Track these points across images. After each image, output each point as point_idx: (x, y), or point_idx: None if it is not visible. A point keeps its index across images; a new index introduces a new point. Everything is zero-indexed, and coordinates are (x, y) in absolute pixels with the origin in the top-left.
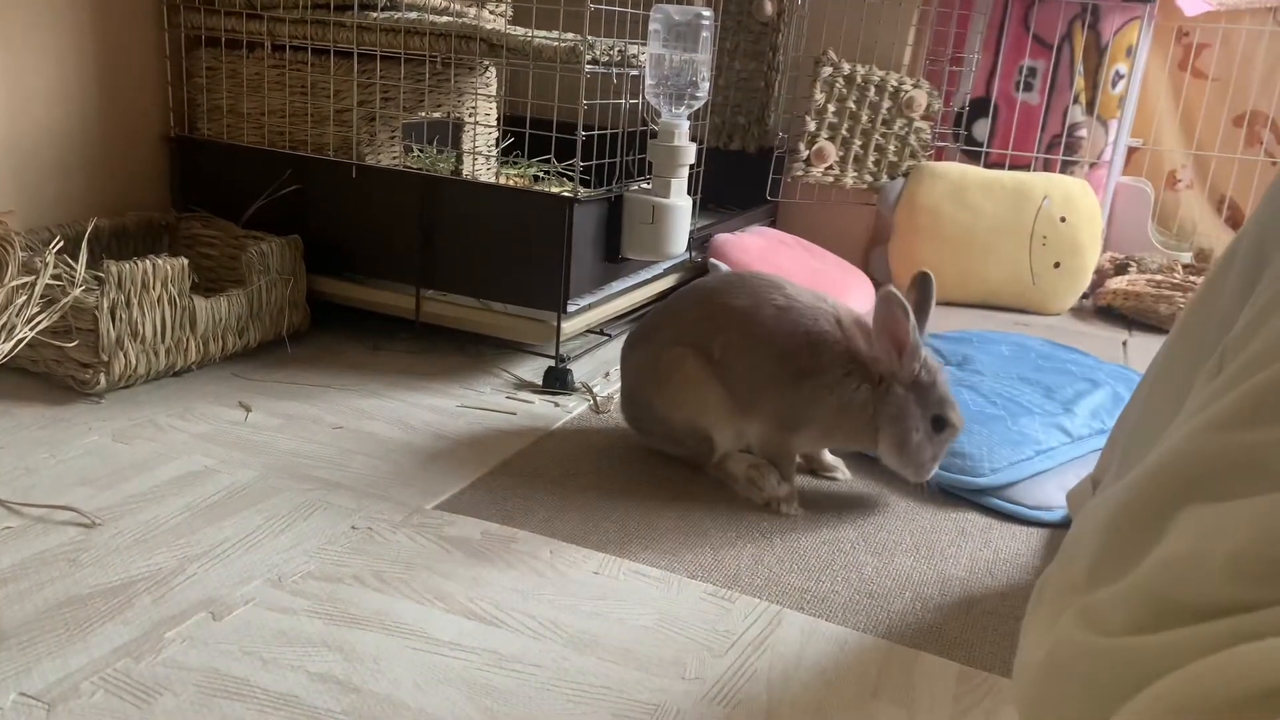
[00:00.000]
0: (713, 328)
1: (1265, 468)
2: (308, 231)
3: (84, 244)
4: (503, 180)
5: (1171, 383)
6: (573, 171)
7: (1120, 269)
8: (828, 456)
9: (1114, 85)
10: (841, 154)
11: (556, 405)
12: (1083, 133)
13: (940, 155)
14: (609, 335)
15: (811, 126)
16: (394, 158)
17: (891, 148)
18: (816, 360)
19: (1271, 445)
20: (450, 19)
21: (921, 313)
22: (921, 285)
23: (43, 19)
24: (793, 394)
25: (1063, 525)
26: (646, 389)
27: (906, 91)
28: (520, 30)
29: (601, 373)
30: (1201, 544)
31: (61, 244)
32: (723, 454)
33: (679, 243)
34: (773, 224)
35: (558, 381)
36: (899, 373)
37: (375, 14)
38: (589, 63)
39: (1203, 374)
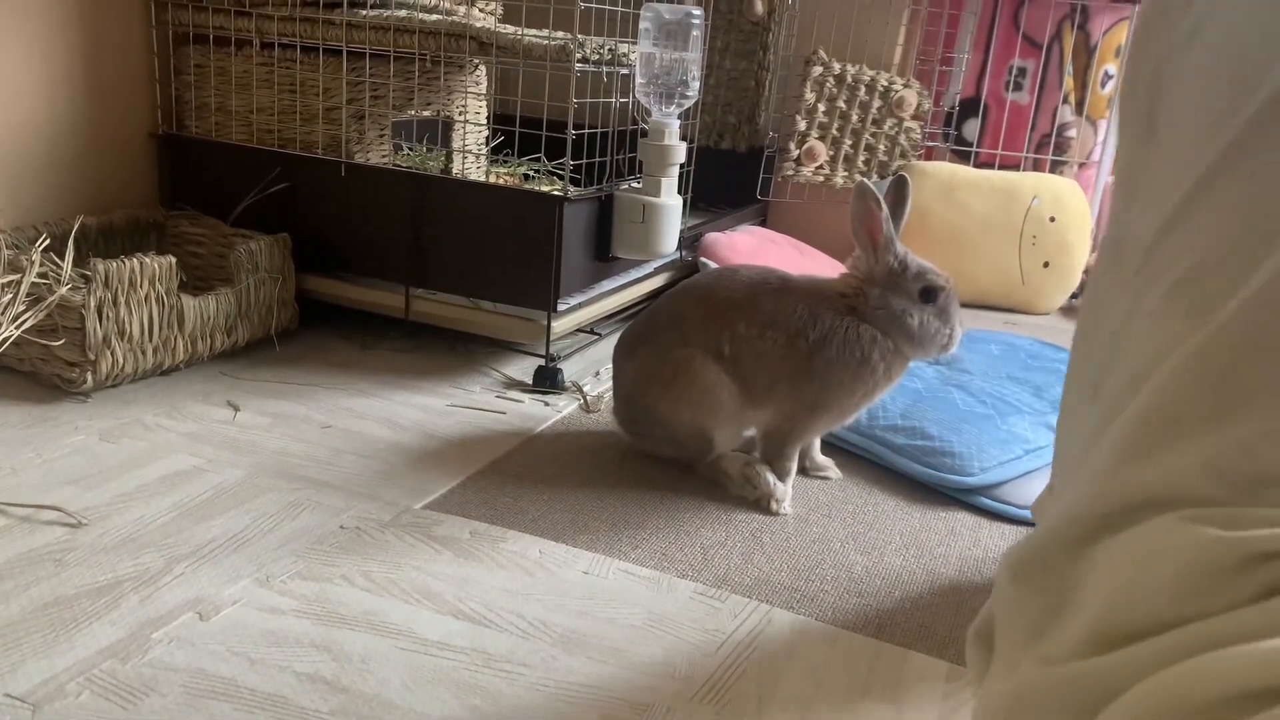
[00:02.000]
0: (717, 325)
1: (1160, 500)
2: (296, 230)
3: (70, 242)
4: (493, 179)
5: (1072, 390)
6: (563, 170)
7: None
8: (819, 455)
9: (1103, 85)
10: (832, 153)
11: (546, 405)
12: (1072, 132)
13: (930, 155)
14: (599, 334)
15: (802, 126)
16: (383, 156)
17: (881, 147)
18: (821, 326)
19: (1163, 478)
20: (440, 17)
21: (897, 213)
22: (897, 188)
23: (28, 15)
24: (809, 369)
25: None
26: (649, 393)
27: (897, 91)
28: (510, 28)
29: (592, 372)
30: (1136, 572)
31: (48, 242)
32: (718, 453)
33: (669, 242)
34: (763, 223)
35: (548, 381)
36: (875, 269)
37: (365, 12)
38: (579, 61)
39: (1084, 391)
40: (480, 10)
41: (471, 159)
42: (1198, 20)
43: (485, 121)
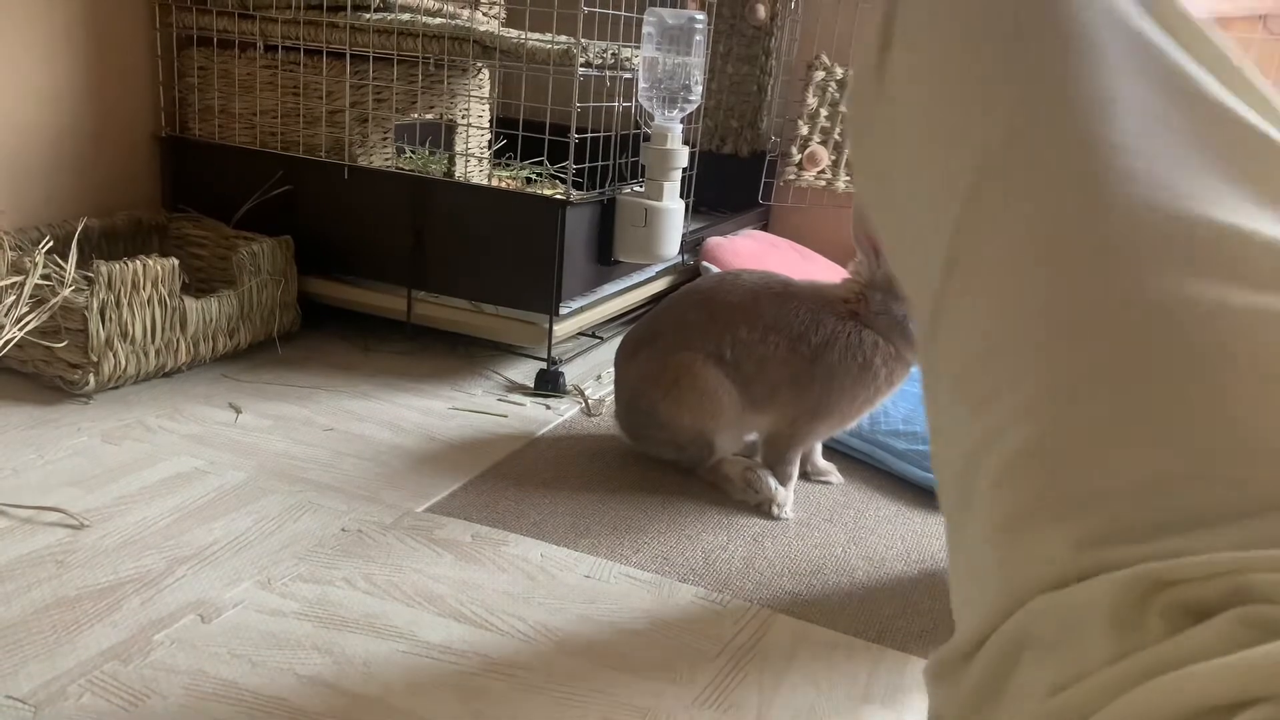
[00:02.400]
0: (719, 329)
1: (1046, 583)
2: (299, 232)
3: (73, 244)
4: (495, 182)
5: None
6: (565, 174)
7: None
8: (820, 460)
9: None
10: (834, 158)
11: (548, 408)
12: None
13: None
14: (601, 338)
15: (804, 130)
16: (386, 159)
17: None
18: (823, 331)
19: (1033, 559)
20: (443, 21)
21: None
22: None
23: (33, 17)
24: (810, 374)
25: None
26: (650, 396)
27: None
28: (514, 32)
29: (593, 375)
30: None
31: (51, 244)
32: (719, 457)
33: (671, 246)
34: (765, 228)
35: (549, 384)
36: (876, 274)
37: (369, 15)
38: (582, 65)
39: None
40: (484, 14)
41: (474, 162)
42: (891, 101)
43: (488, 125)
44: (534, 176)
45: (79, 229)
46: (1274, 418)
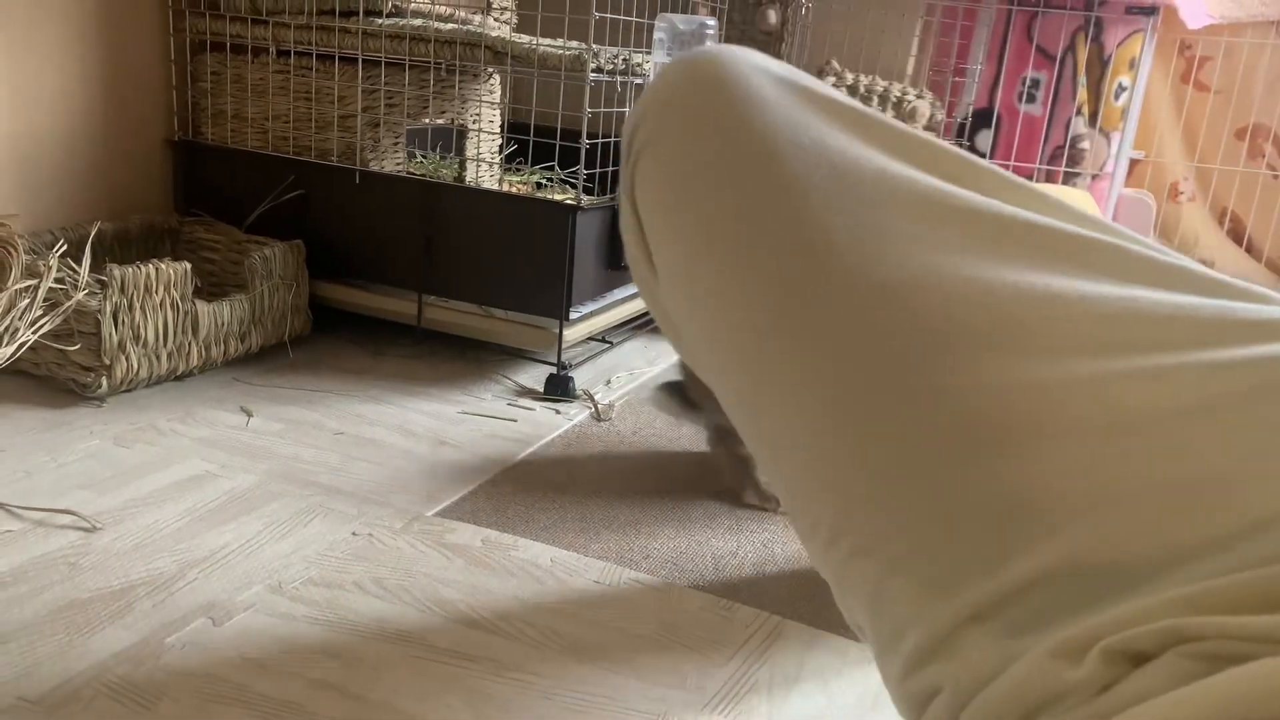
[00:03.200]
0: None
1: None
2: (310, 237)
3: (87, 247)
4: (506, 187)
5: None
6: (575, 179)
7: None
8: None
9: (1117, 97)
10: None
11: (558, 413)
12: (1085, 144)
13: None
14: (610, 343)
15: None
16: (397, 164)
17: None
18: None
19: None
20: (455, 26)
21: None
22: None
23: (47, 22)
24: None
25: None
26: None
27: (910, 102)
28: (525, 38)
29: (603, 380)
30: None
31: (65, 247)
32: None
33: None
34: None
35: (559, 389)
36: None
37: (381, 20)
38: (594, 71)
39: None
40: (495, 19)
41: (485, 167)
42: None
43: (499, 130)
44: (544, 182)
45: (93, 233)
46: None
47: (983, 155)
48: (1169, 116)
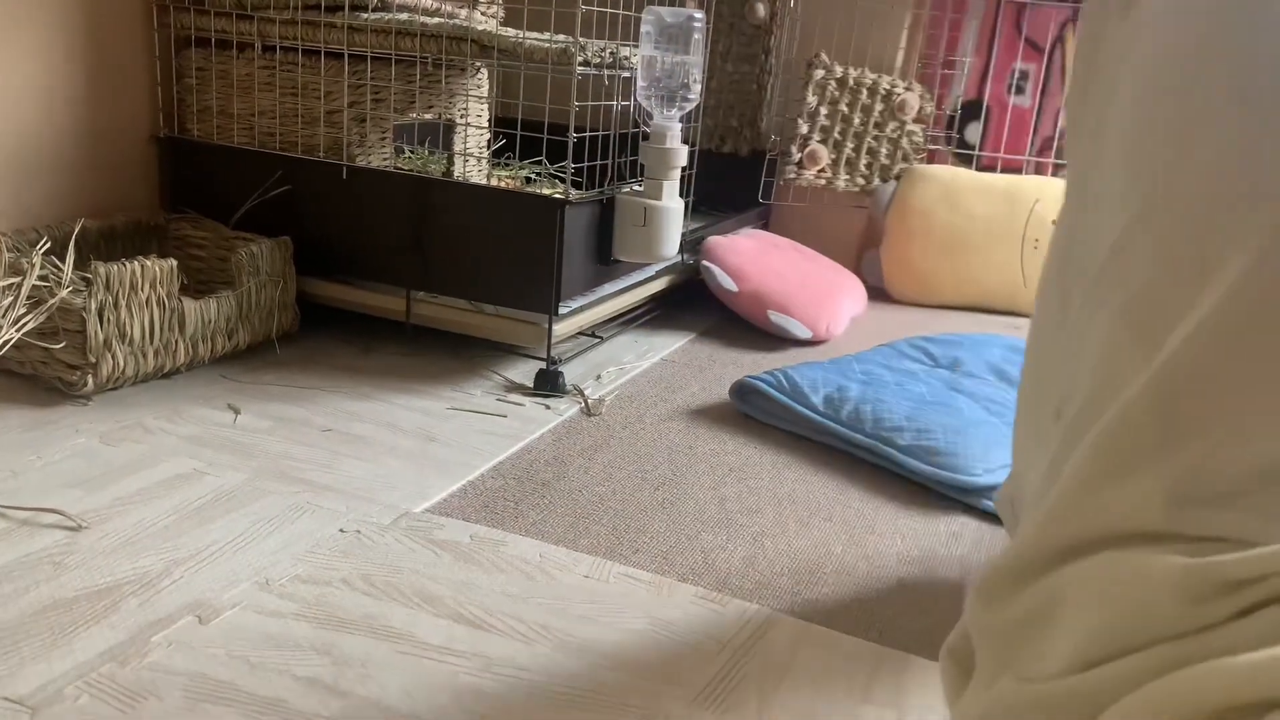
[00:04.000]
0: None
1: (1120, 532)
2: (298, 233)
3: (71, 245)
4: (494, 182)
5: (1029, 394)
6: (564, 173)
7: None
8: None
9: None
10: (834, 157)
11: (547, 408)
12: None
13: (932, 158)
14: (600, 338)
15: (804, 129)
16: (385, 159)
17: (884, 150)
18: None
19: (1121, 509)
20: (442, 20)
21: None
22: None
23: (29, 17)
24: None
25: None
26: None
27: (899, 94)
28: (511, 32)
29: (593, 375)
30: (1107, 607)
31: (49, 245)
32: None
33: (671, 245)
34: (765, 227)
35: (549, 384)
36: None
37: (366, 15)
38: (580, 64)
39: (1045, 409)
40: (482, 13)
41: (473, 162)
42: (1136, 25)
43: (486, 125)
44: (533, 176)
45: (77, 230)
46: None
47: (972, 148)
48: None
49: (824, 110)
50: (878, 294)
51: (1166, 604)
